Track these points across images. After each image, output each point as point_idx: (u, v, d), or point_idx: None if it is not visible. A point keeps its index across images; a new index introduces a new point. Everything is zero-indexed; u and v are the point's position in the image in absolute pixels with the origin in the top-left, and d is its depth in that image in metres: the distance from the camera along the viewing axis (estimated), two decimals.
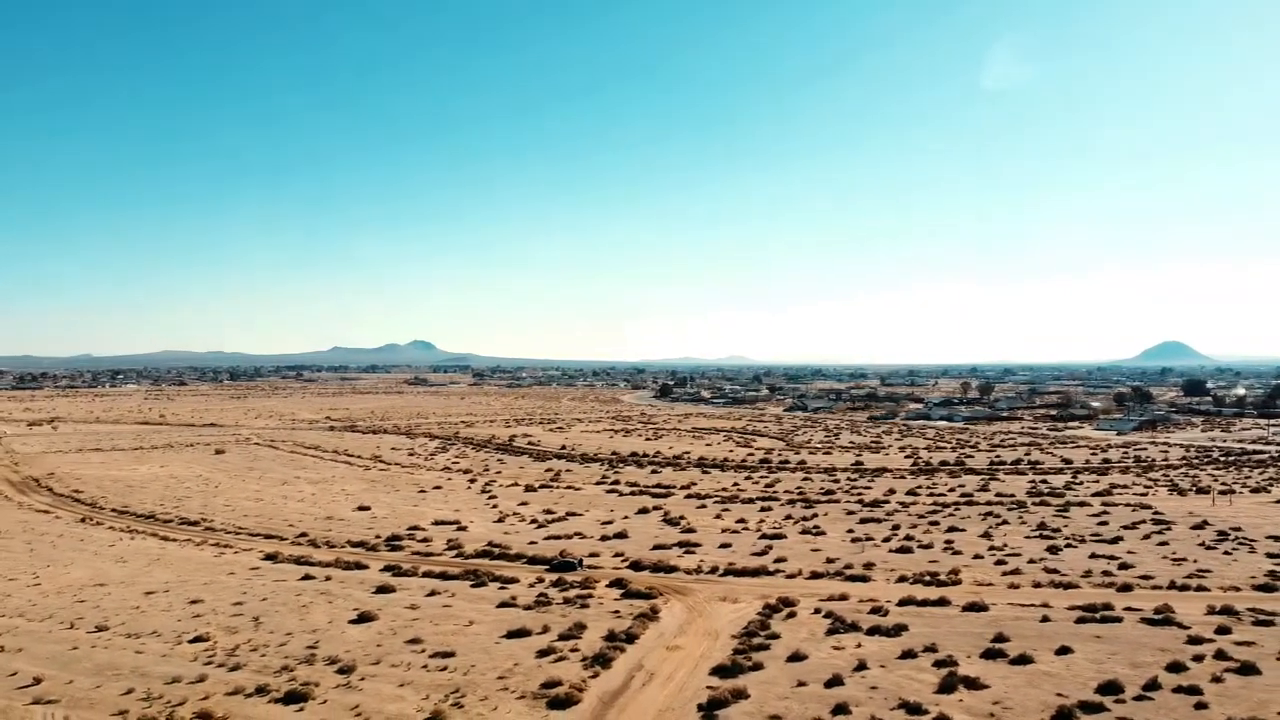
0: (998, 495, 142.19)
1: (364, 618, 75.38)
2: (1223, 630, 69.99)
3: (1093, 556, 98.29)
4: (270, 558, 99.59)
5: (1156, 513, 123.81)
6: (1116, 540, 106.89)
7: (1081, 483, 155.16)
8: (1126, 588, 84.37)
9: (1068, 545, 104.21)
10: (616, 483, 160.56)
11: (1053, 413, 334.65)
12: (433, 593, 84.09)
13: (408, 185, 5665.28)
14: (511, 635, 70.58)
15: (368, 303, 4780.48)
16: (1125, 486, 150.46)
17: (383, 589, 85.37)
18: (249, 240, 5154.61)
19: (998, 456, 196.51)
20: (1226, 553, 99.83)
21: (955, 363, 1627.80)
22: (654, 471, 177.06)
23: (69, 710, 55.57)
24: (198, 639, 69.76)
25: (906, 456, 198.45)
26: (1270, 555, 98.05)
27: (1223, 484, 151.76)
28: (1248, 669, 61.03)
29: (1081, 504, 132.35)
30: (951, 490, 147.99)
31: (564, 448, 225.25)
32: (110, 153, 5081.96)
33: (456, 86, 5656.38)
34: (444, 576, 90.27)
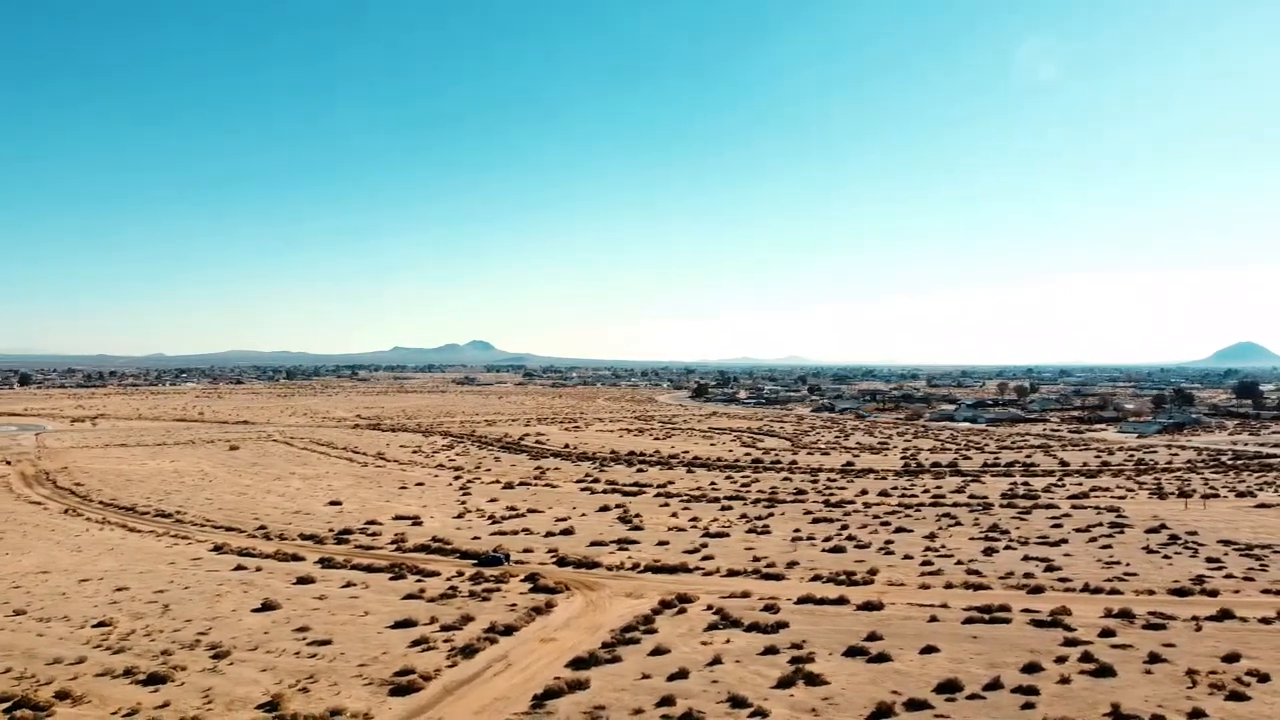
0: (970, 497, 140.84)
1: (267, 606, 78.26)
2: (1107, 633, 69.35)
3: (1026, 559, 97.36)
4: (217, 549, 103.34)
5: (1120, 516, 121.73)
6: (1061, 543, 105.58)
7: (1064, 485, 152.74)
8: (1038, 590, 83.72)
9: (1007, 548, 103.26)
10: (596, 481, 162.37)
11: (1082, 415, 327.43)
12: (348, 584, 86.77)
13: (467, 186, 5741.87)
14: (398, 626, 72.79)
15: (430, 304, 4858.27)
16: (1107, 489, 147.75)
17: (303, 580, 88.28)
18: (314, 243, 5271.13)
19: (996, 458, 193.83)
20: (1166, 556, 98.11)
21: (1016, 364, 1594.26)
22: (640, 470, 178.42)
23: None
24: (101, 624, 73.23)
25: (904, 458, 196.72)
26: (1210, 559, 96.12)
27: (1211, 488, 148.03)
28: (1104, 671, 60.59)
29: (1049, 506, 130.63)
30: (926, 492, 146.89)
31: (567, 446, 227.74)
32: (181, 160, 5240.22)
33: (517, 86, 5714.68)
34: (369, 569, 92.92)
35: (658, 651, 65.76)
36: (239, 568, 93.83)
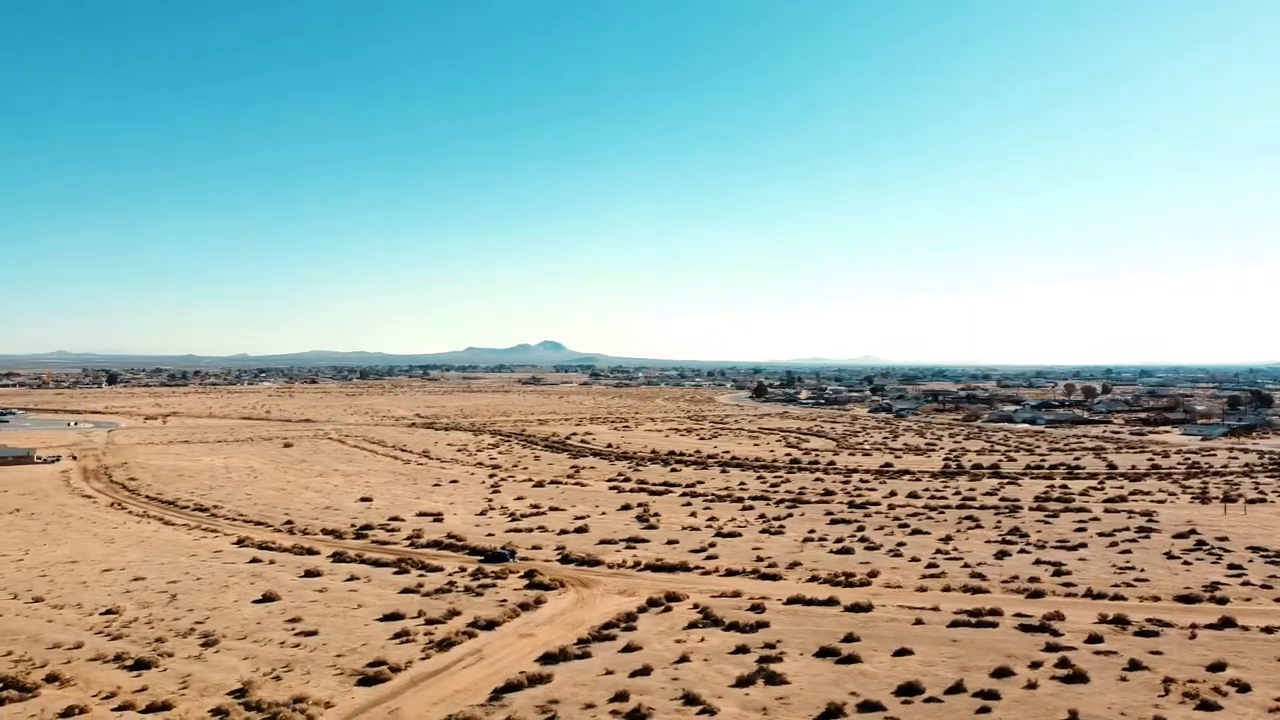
0: (1001, 499, 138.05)
1: (267, 598, 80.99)
2: (1094, 639, 67.84)
3: (1037, 563, 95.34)
4: (239, 542, 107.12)
5: (1151, 521, 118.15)
6: (1079, 547, 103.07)
7: (1104, 489, 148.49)
8: (1038, 594, 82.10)
9: (1021, 551, 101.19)
10: (627, 480, 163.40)
11: (1148, 416, 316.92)
12: (351, 577, 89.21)
13: (541, 188, 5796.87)
14: (386, 619, 74.69)
15: (503, 305, 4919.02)
16: (1148, 493, 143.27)
17: (311, 573, 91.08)
18: (393, 245, 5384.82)
19: (1042, 461, 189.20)
20: (1186, 562, 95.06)
21: (1097, 364, 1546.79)
22: (674, 470, 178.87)
23: None
24: (109, 611, 76.71)
25: (946, 460, 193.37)
26: (1232, 566, 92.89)
27: (1260, 493, 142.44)
28: (1077, 678, 59.41)
29: (1080, 510, 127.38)
30: (957, 494, 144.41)
31: (609, 446, 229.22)
32: (267, 165, 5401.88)
33: (594, 85, 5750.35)
34: (376, 564, 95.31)
35: (629, 649, 66.36)
36: (254, 560, 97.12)
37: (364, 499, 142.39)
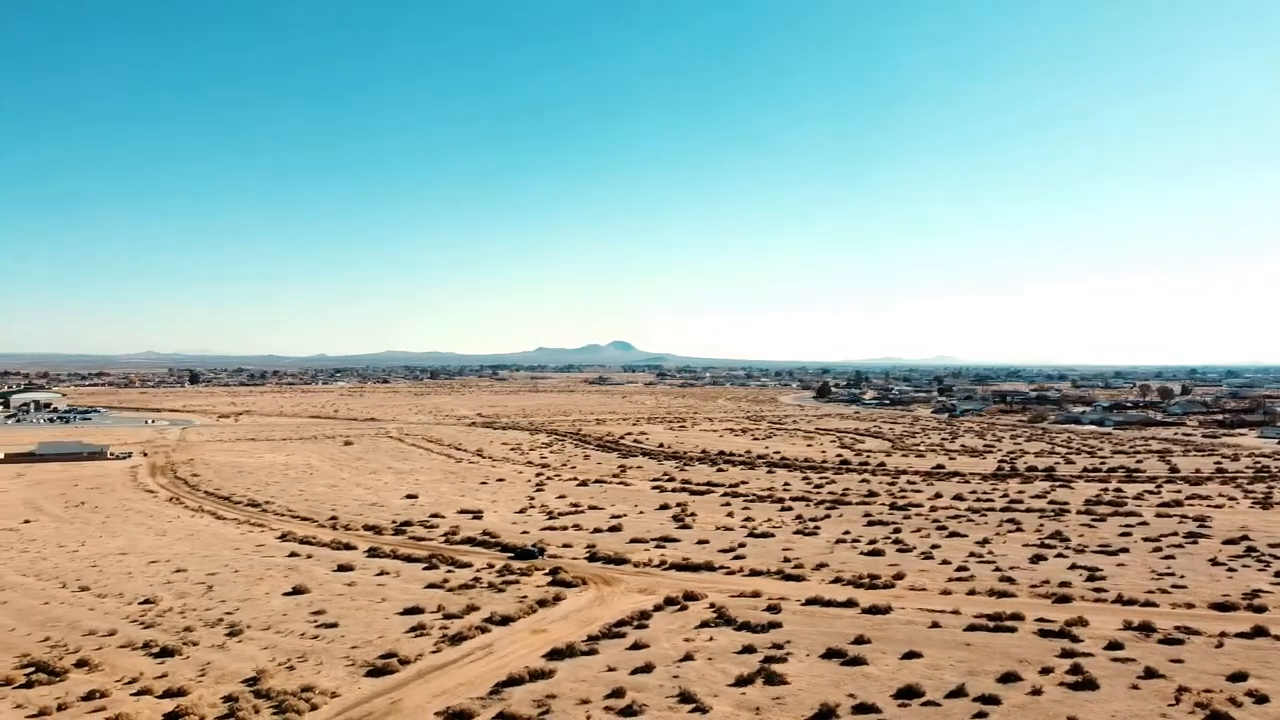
0: (1050, 502, 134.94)
1: (297, 590, 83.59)
2: (1114, 645, 66.15)
3: (1072, 567, 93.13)
4: (282, 537, 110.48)
5: (1203, 526, 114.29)
6: (1120, 552, 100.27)
7: (1160, 492, 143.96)
8: (1065, 599, 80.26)
9: (1059, 555, 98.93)
10: (671, 480, 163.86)
11: (1224, 418, 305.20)
12: (381, 572, 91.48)
13: (611, 188, 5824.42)
14: (406, 612, 76.54)
15: (574, 305, 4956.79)
16: (1206, 498, 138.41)
17: (344, 567, 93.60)
18: (467, 246, 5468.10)
19: (1102, 463, 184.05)
20: (1230, 569, 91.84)
21: (1182, 364, 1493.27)
22: (720, 470, 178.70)
23: None
24: (146, 601, 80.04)
25: (1001, 462, 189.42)
26: (1278, 574, 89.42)
27: None
28: (1086, 685, 58.14)
29: (1130, 514, 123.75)
30: (1005, 496, 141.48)
31: (661, 446, 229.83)
32: (347, 169, 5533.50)
33: (665, 81, 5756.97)
34: (408, 559, 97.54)
35: (636, 646, 66.90)
36: (293, 554, 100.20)
37: (409, 496, 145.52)
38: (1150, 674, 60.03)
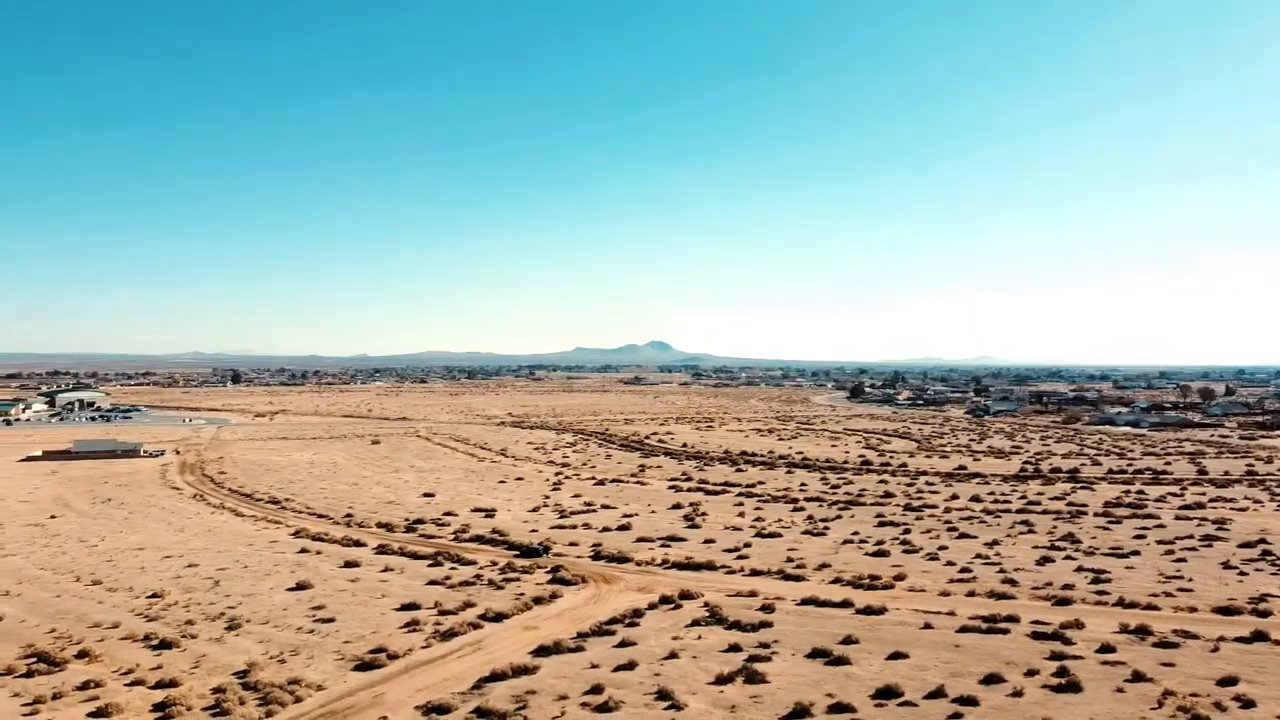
0: (1069, 504, 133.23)
1: (301, 586, 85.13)
2: (1106, 649, 65.45)
3: (1079, 570, 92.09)
4: (296, 534, 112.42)
5: (1222, 529, 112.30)
6: (1131, 555, 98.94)
7: (1183, 495, 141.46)
8: (1065, 602, 79.43)
9: (1067, 558, 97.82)
10: (689, 479, 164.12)
11: (1265, 420, 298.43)
12: (386, 569, 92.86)
13: (651, 187, 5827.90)
14: (403, 608, 77.75)
15: (611, 306, 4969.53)
16: (1230, 500, 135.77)
17: (350, 563, 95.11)
18: (507, 246, 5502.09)
19: (1128, 465, 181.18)
20: (1242, 573, 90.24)
21: (1230, 364, 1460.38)
22: (739, 470, 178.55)
23: None
24: (154, 595, 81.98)
25: (1026, 463, 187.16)
26: None
27: None
28: (1070, 687, 57.70)
29: (1148, 516, 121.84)
30: (1023, 498, 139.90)
31: (685, 446, 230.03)
32: (384, 173, 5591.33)
33: (700, 79, 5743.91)
34: (414, 556, 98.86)
35: (623, 644, 67.40)
36: (303, 551, 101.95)
37: (427, 494, 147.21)
38: (1138, 677, 59.33)
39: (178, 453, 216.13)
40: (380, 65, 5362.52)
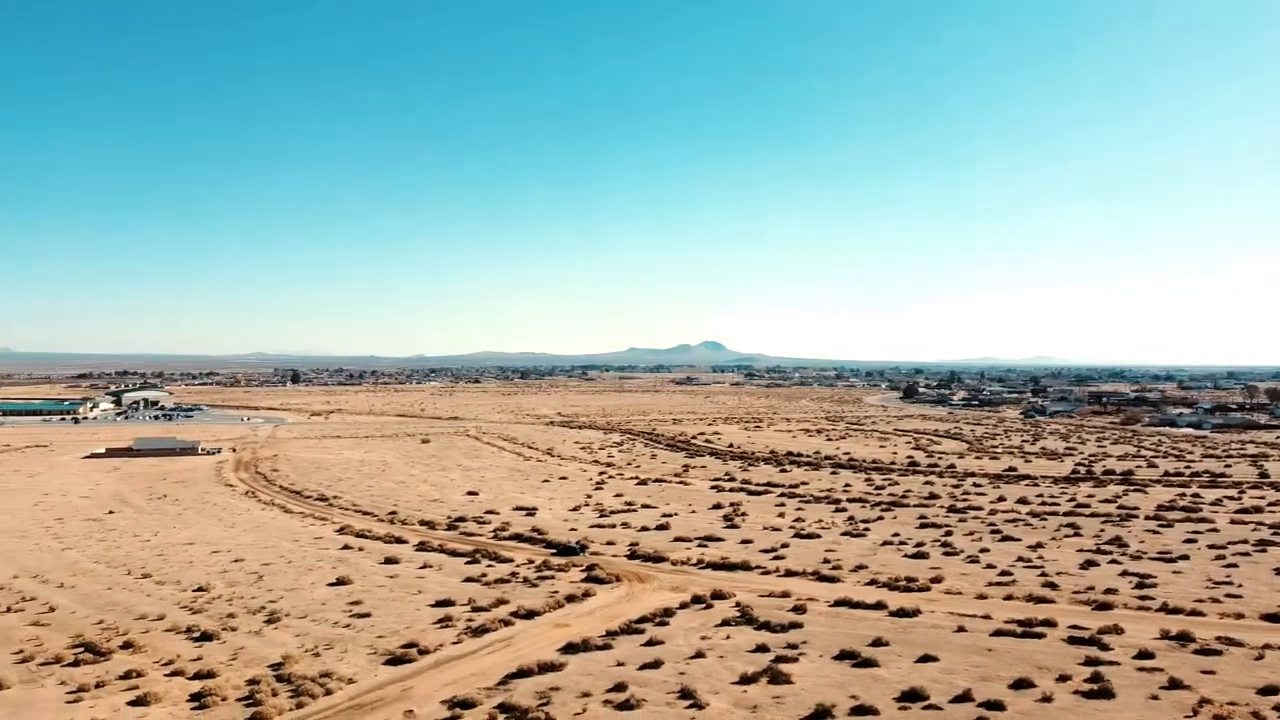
0: (1119, 507, 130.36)
1: (341, 582, 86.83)
2: (1144, 655, 64.03)
3: (1124, 574, 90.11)
4: (341, 530, 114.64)
5: (1278, 534, 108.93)
6: (1180, 559, 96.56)
7: (1241, 498, 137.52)
8: (1106, 606, 77.83)
9: (1112, 562, 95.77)
10: (732, 479, 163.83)
11: None
12: (425, 565, 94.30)
13: (706, 186, 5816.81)
14: (438, 604, 78.89)
15: (666, 305, 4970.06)
16: None
17: (390, 560, 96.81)
18: (562, 249, 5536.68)
19: (1186, 468, 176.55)
20: None
21: None
22: (783, 471, 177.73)
23: (44, 628, 71.44)
24: (200, 589, 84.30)
25: (1078, 465, 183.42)
26: None
27: None
28: (1102, 693, 56.54)
29: (1201, 520, 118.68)
30: (1072, 500, 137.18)
31: (731, 446, 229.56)
32: (441, 175, 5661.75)
33: (750, 75, 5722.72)
34: (453, 553, 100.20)
35: (651, 643, 67.64)
36: (345, 547, 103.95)
37: (470, 493, 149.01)
38: (1174, 685, 57.91)
39: (234, 450, 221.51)
40: (434, 60, 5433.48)
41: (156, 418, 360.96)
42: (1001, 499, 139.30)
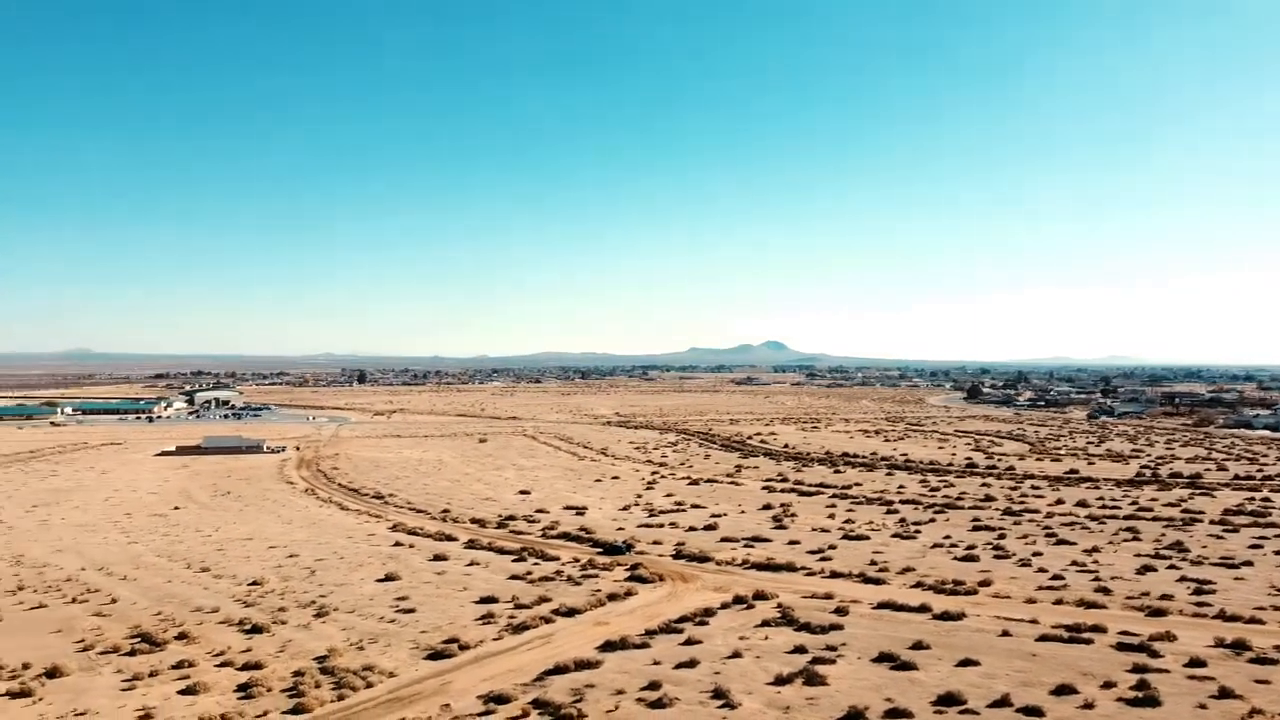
0: (1184, 511, 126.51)
1: (389, 578, 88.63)
2: (1195, 663, 62.26)
3: (1182, 579, 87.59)
4: (393, 527, 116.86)
5: None
6: (1243, 565, 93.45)
7: None
8: (1159, 613, 75.74)
9: (1171, 567, 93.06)
10: (784, 480, 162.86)
11: None
12: (472, 563, 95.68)
13: (766, 184, 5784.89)
14: (482, 601, 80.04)
15: (728, 305, 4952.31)
16: None
17: (439, 557, 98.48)
18: (624, 248, 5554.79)
19: (1259, 471, 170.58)
20: None
21: None
22: (837, 472, 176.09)
23: (107, 618, 74.25)
24: (254, 582, 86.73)
25: (1143, 467, 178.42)
26: None
27: None
28: (1147, 701, 55.24)
29: (1269, 525, 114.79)
30: (1134, 504, 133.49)
31: (786, 446, 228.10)
32: (506, 177, 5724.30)
33: (808, 73, 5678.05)
34: (501, 551, 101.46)
35: (689, 642, 67.83)
36: (397, 544, 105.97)
37: (523, 492, 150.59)
38: (1224, 694, 56.24)
39: (297, 449, 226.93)
40: (504, 57, 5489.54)
41: (226, 417, 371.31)
42: (1060, 502, 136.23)
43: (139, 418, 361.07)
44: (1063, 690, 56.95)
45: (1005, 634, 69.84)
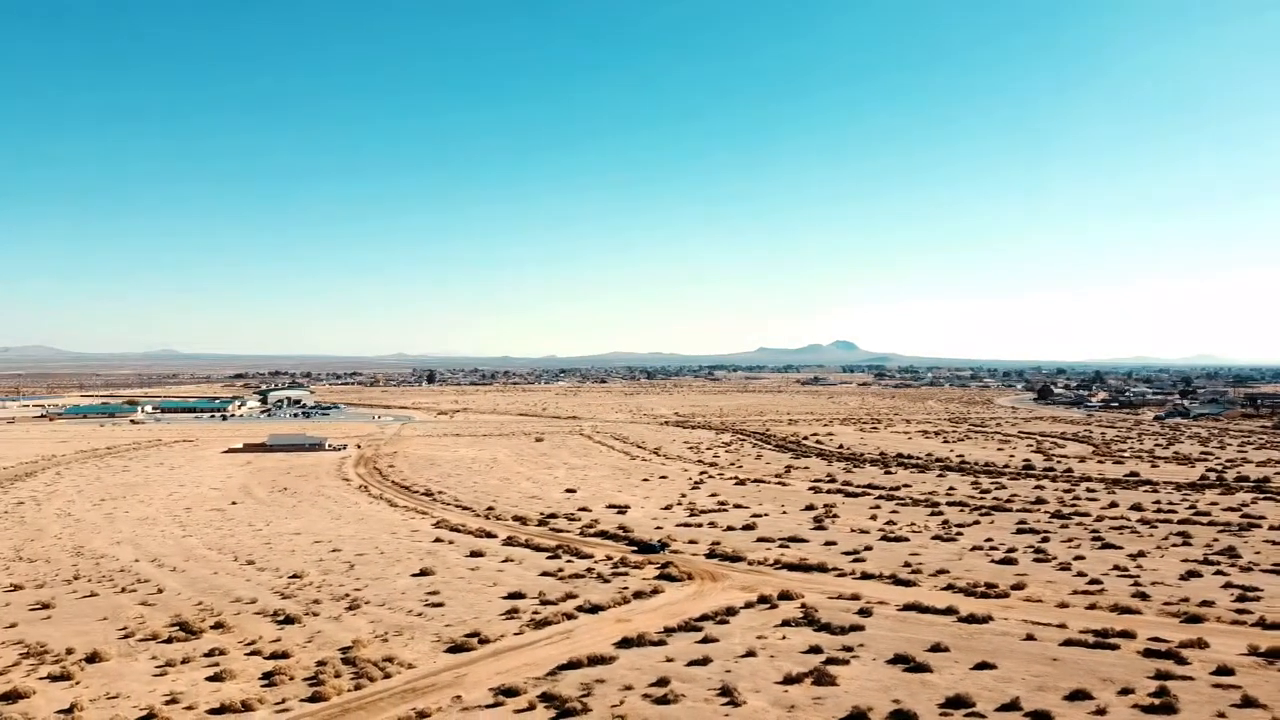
0: (1243, 516, 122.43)
1: (424, 573, 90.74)
2: (1223, 670, 60.66)
3: (1226, 586, 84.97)
4: (437, 524, 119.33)
5: None
6: None
7: None
8: (1195, 619, 73.69)
9: (1217, 573, 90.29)
10: (832, 481, 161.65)
11: None
12: (507, 560, 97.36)
13: (837, 188, 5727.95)
14: (510, 597, 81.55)
15: (797, 305, 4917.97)
16: None
17: (475, 553, 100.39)
18: (694, 249, 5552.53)
19: None
20: None
21: None
22: (888, 473, 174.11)
23: (151, 607, 77.60)
24: (295, 576, 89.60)
25: (1210, 470, 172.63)
26: None
27: None
28: (1163, 709, 54.08)
29: None
30: (1192, 508, 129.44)
31: (841, 447, 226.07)
32: (568, 179, 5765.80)
33: (864, 71, 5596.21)
34: (536, 549, 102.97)
35: (706, 640, 68.25)
36: (437, 540, 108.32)
37: (569, 490, 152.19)
38: (1247, 702, 54.71)
39: (359, 447, 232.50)
40: (557, 54, 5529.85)
41: (296, 415, 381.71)
42: (1113, 504, 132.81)
43: (213, 416, 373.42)
44: (1077, 695, 55.94)
45: (1029, 638, 68.75)
